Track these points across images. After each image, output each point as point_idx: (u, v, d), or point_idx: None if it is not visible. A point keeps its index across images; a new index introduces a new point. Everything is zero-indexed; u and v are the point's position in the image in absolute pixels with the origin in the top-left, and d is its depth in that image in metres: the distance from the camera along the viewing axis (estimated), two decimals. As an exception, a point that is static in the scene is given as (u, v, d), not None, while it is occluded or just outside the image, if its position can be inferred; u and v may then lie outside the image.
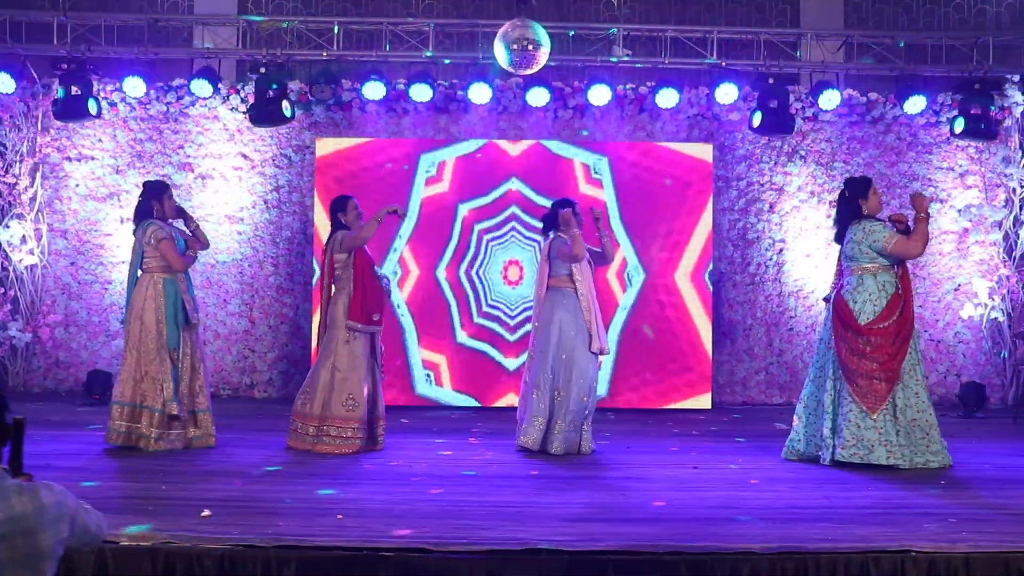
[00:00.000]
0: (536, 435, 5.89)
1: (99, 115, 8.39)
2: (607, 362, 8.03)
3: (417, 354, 8.39)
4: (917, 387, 5.51)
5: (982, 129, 8.32)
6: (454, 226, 8.41)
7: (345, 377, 5.83)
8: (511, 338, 8.37)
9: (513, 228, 8.40)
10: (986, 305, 8.68)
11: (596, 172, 8.37)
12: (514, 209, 8.39)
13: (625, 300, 8.37)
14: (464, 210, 8.41)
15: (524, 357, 6.68)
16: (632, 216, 8.37)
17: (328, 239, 6.10)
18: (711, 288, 8.37)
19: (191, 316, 5.92)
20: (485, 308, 8.43)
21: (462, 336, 8.41)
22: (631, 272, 8.37)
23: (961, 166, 8.87)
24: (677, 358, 8.33)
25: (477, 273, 8.44)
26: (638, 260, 8.38)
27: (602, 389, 7.84)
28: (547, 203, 6.69)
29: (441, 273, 8.43)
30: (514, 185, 8.38)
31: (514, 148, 8.47)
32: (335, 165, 8.38)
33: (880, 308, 5.50)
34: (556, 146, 8.47)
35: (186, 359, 5.91)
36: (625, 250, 8.34)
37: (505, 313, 8.39)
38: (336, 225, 6.07)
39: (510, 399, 7.89)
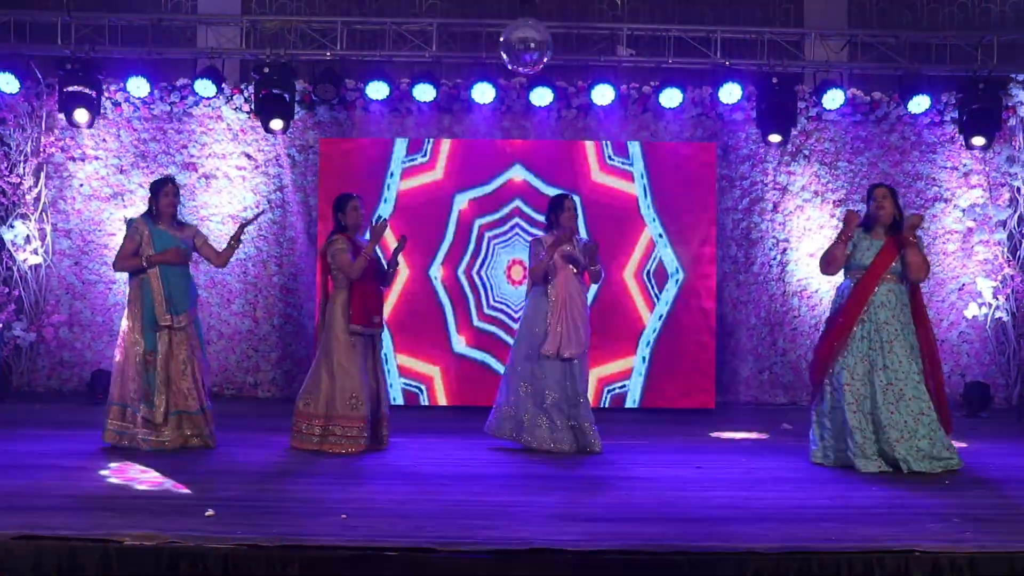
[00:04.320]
0: (503, 425, 6.08)
1: (98, 115, 8.42)
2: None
3: (395, 364, 8.40)
4: (851, 392, 5.46)
5: (988, 130, 8.35)
6: (471, 235, 8.51)
7: (347, 376, 5.84)
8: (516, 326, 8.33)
9: (517, 224, 8.42)
10: (990, 305, 8.66)
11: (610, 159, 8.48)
12: (518, 203, 8.44)
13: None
14: (479, 223, 8.48)
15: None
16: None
17: (327, 239, 6.10)
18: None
19: (160, 318, 5.85)
20: (487, 311, 8.44)
21: (459, 345, 8.44)
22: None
23: (965, 165, 8.85)
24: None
25: (478, 273, 8.46)
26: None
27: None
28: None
29: (435, 273, 8.47)
30: (516, 203, 8.48)
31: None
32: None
33: (830, 313, 5.76)
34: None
35: (163, 360, 5.84)
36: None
37: (509, 317, 8.38)
38: (336, 225, 6.07)
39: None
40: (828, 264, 5.67)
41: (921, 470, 5.32)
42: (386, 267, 6.18)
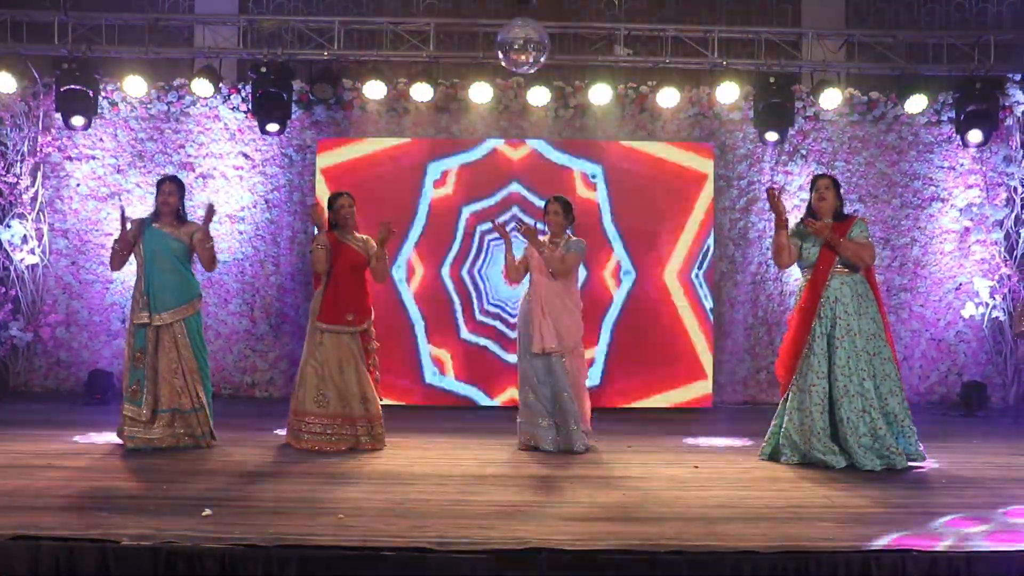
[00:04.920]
0: (527, 430, 6.09)
1: (95, 115, 8.43)
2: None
3: (427, 348, 8.40)
4: (817, 392, 5.51)
5: (985, 129, 8.38)
6: (457, 227, 8.45)
7: (315, 373, 5.95)
8: (512, 335, 8.34)
9: (514, 216, 8.42)
10: (987, 304, 8.67)
11: (592, 177, 8.39)
12: (515, 211, 8.42)
13: (617, 297, 8.40)
14: (467, 212, 8.44)
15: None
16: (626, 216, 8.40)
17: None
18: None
19: (134, 315, 5.89)
20: (486, 308, 8.44)
21: (466, 333, 8.45)
22: (623, 272, 8.42)
23: (962, 165, 8.87)
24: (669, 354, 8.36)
25: (478, 272, 8.45)
26: (630, 260, 8.40)
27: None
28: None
29: (445, 272, 8.47)
30: (515, 188, 8.42)
31: (515, 152, 8.50)
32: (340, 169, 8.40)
33: (792, 311, 5.85)
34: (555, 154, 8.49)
35: (151, 357, 5.84)
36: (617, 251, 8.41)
37: (504, 320, 8.39)
38: (329, 221, 6.15)
39: (512, 393, 8.02)
40: (776, 255, 5.72)
41: (867, 467, 5.37)
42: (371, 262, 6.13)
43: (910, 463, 5.48)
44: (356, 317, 6.02)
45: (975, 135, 8.43)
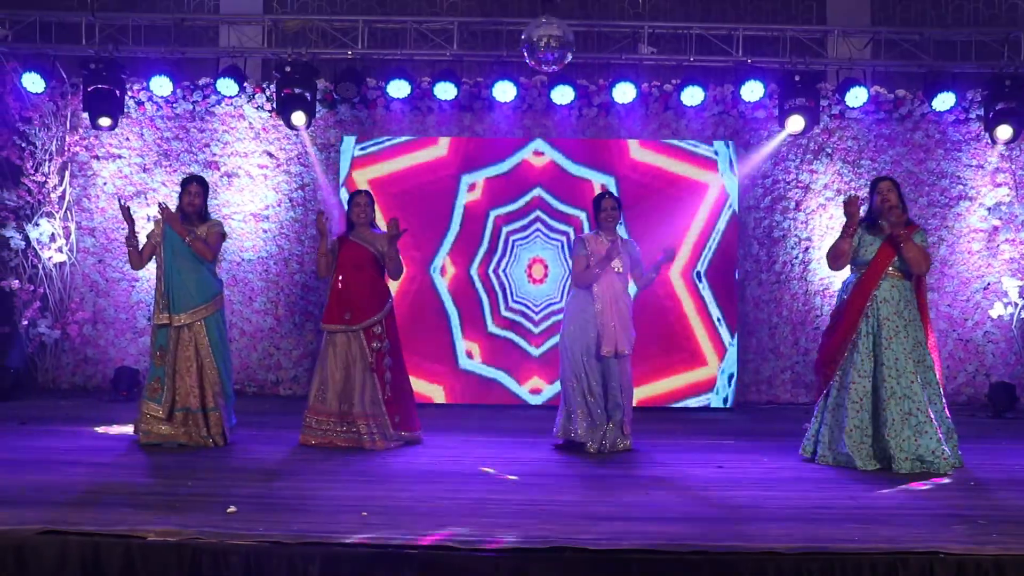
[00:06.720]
0: (568, 426, 6.01)
1: (121, 114, 8.50)
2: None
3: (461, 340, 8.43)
4: (856, 390, 5.45)
5: (1014, 127, 8.27)
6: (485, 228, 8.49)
7: (321, 371, 6.06)
8: (536, 330, 8.41)
9: (538, 228, 8.41)
10: (1016, 304, 8.58)
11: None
12: (538, 212, 8.42)
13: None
14: (493, 213, 8.47)
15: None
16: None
17: None
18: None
19: (155, 316, 5.97)
20: (505, 313, 8.44)
21: (467, 360, 8.43)
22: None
23: (991, 163, 8.77)
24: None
25: (502, 271, 8.44)
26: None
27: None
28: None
29: (439, 270, 8.49)
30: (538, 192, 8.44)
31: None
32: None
33: (834, 308, 5.80)
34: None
35: (171, 356, 5.89)
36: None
37: (529, 319, 8.39)
38: (348, 220, 6.28)
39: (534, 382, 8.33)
40: (835, 259, 5.65)
41: (904, 471, 5.29)
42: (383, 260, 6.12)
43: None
44: (353, 316, 6.00)
45: (1004, 131, 8.32)
